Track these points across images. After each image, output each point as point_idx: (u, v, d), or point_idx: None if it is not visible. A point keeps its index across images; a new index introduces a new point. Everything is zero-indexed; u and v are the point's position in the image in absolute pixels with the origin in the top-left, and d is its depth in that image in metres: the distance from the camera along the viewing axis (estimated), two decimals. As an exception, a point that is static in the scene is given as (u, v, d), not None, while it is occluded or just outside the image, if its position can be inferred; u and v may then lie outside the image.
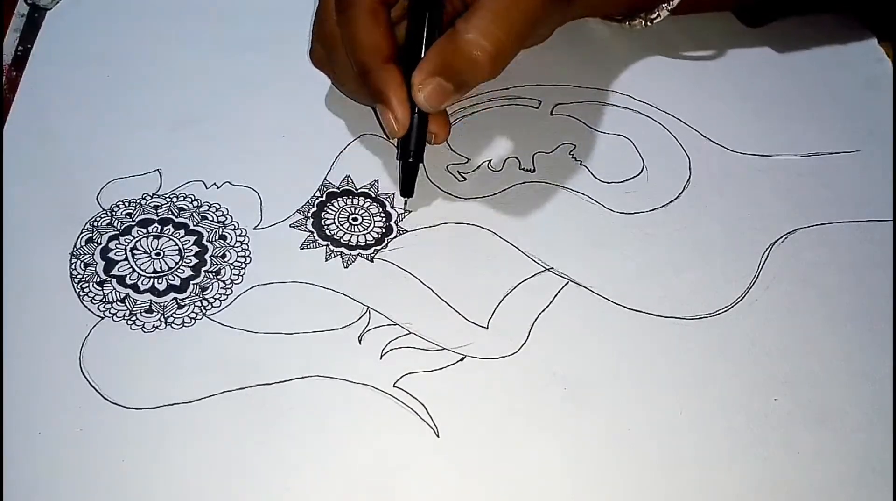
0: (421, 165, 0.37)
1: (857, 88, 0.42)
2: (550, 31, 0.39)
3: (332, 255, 0.34)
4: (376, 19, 0.33)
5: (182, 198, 0.36)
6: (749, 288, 0.35)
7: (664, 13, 0.38)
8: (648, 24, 0.39)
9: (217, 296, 0.33)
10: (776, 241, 0.36)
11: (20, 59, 0.40)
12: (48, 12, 0.42)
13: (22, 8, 0.42)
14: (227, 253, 0.34)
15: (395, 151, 0.36)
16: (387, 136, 0.37)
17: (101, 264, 0.33)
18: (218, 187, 0.36)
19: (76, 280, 0.33)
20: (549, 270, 0.35)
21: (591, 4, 0.39)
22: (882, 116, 0.41)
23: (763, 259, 0.35)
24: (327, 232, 0.35)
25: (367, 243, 0.35)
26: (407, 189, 0.35)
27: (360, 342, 0.32)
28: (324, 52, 0.36)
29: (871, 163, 0.39)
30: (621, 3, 0.40)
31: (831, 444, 0.31)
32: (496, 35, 0.31)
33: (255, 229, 0.35)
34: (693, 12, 0.41)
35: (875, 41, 0.44)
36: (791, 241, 0.36)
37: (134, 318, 0.32)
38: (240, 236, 0.35)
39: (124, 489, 0.28)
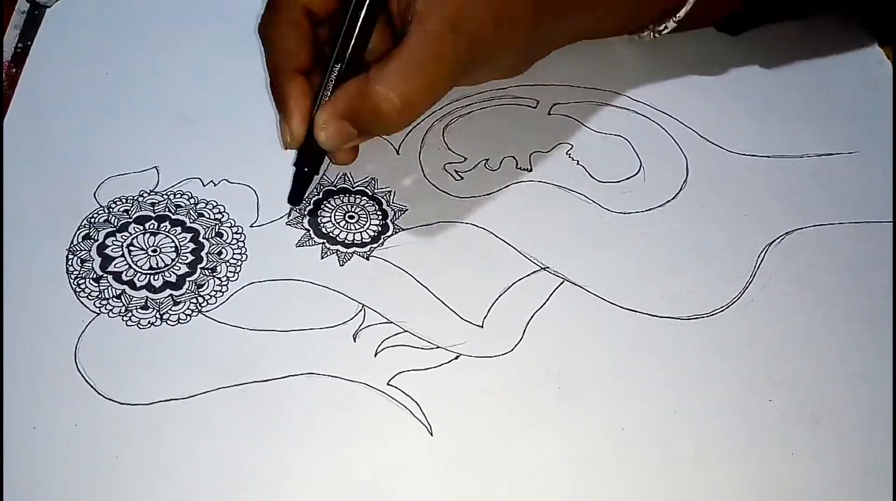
0: (419, 163, 0.37)
1: (857, 89, 0.42)
2: (511, 68, 0.36)
3: (328, 253, 0.35)
4: (295, 27, 0.33)
5: (179, 195, 0.36)
6: (745, 288, 0.34)
7: (671, 24, 0.38)
8: (656, 35, 0.39)
9: (213, 293, 0.33)
10: (773, 241, 0.36)
11: (20, 56, 0.40)
12: (48, 10, 0.42)
13: (22, 5, 0.42)
14: (223, 250, 0.34)
15: (390, 150, 0.36)
16: (282, 145, 0.36)
17: (97, 260, 0.34)
18: (215, 185, 0.36)
19: (72, 276, 0.33)
20: (544, 269, 0.35)
21: (568, 34, 0.36)
22: (881, 118, 0.40)
23: (760, 259, 0.35)
24: (323, 230, 0.35)
25: (364, 241, 0.35)
26: (295, 198, 0.35)
27: (354, 339, 0.32)
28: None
29: (869, 164, 0.39)
30: (613, 25, 0.38)
31: (826, 445, 0.31)
32: (405, 91, 0.30)
33: (251, 226, 0.35)
34: (695, 27, 0.41)
35: (875, 44, 0.43)
36: (788, 241, 0.36)
37: (130, 314, 0.32)
38: (236, 233, 0.35)
39: (119, 483, 0.29)
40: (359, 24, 0.32)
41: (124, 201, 0.35)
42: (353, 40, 0.32)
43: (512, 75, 0.37)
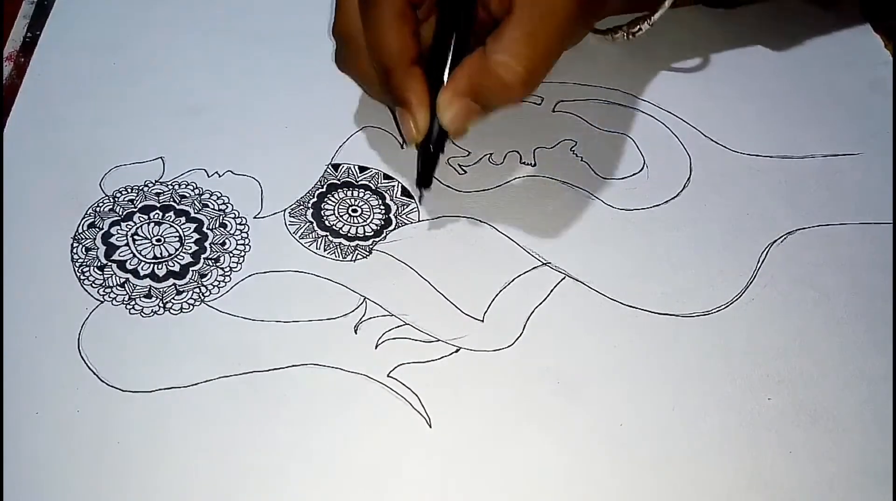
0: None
1: (862, 90, 0.42)
2: (579, 40, 0.37)
3: (331, 245, 0.35)
4: (402, 20, 0.32)
5: (184, 186, 0.36)
6: (746, 287, 0.35)
7: (646, 26, 0.38)
8: (631, 37, 0.39)
9: (216, 283, 0.33)
10: (775, 241, 0.36)
11: (28, 46, 0.40)
12: (57, 0, 0.42)
13: (32, -5, 0.43)
14: (226, 241, 0.35)
15: (395, 144, 0.36)
16: (403, 140, 0.36)
17: (102, 248, 0.34)
18: (220, 176, 0.36)
19: (77, 264, 0.33)
20: (546, 264, 0.35)
21: (615, 7, 0.39)
22: (886, 119, 0.40)
23: (761, 258, 0.35)
24: (327, 223, 0.35)
25: (366, 234, 0.35)
26: (425, 180, 0.34)
27: (355, 331, 0.32)
28: (347, 52, 0.35)
29: (873, 166, 0.39)
30: (637, 3, 0.39)
31: (825, 444, 0.31)
32: (528, 56, 0.30)
33: (255, 217, 0.35)
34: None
35: (881, 44, 0.43)
36: (790, 241, 0.36)
37: (133, 303, 0.33)
38: (240, 224, 0.35)
39: (120, 470, 0.29)
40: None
41: (129, 190, 0.36)
42: (460, 18, 0.32)
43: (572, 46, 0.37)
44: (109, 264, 0.33)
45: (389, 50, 0.32)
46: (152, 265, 0.34)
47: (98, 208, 0.35)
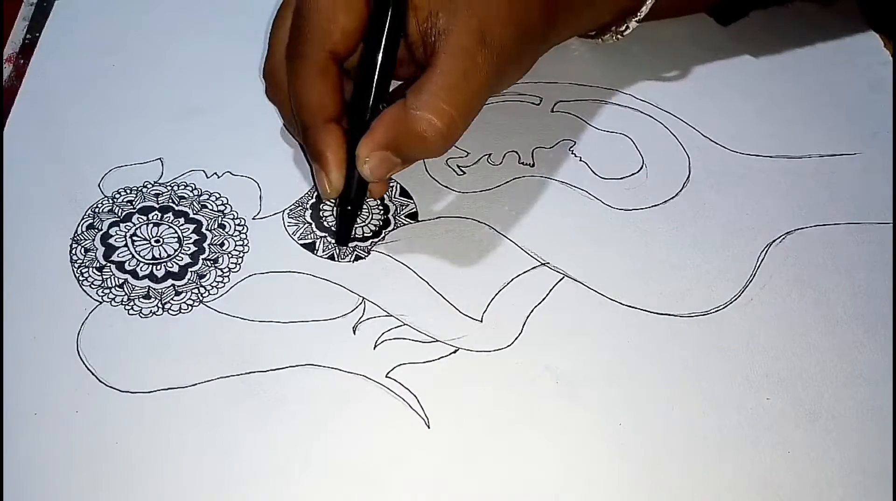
0: (422, 160, 0.38)
1: (861, 90, 0.42)
2: (524, 72, 0.36)
3: (330, 246, 0.35)
4: (323, 76, 0.31)
5: (183, 187, 0.36)
6: (745, 287, 0.34)
7: (633, 24, 0.38)
8: (619, 37, 0.39)
9: (214, 284, 0.33)
10: (774, 240, 0.36)
11: (28, 48, 0.41)
12: (56, 2, 0.42)
13: (31, -3, 0.43)
14: (225, 242, 0.35)
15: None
16: (318, 194, 0.35)
17: (100, 249, 0.34)
18: (219, 177, 0.36)
19: (76, 265, 0.33)
20: (544, 264, 0.35)
21: (566, 32, 0.38)
22: (885, 119, 0.40)
23: (760, 259, 0.35)
24: (325, 223, 0.35)
25: (365, 235, 0.35)
26: (343, 238, 0.34)
27: (354, 332, 0.32)
28: (273, 94, 0.35)
29: (872, 165, 0.39)
30: (598, 20, 0.39)
31: (824, 444, 0.31)
32: (447, 113, 0.30)
33: (253, 218, 0.35)
34: (664, 17, 0.41)
35: (880, 43, 0.43)
36: (789, 241, 0.36)
37: (132, 303, 0.33)
38: (238, 225, 0.35)
39: (118, 470, 0.29)
40: (381, 53, 0.31)
41: (128, 191, 0.36)
42: (379, 69, 0.31)
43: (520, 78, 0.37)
44: (108, 264, 0.33)
45: (308, 107, 0.32)
46: (151, 266, 0.34)
47: (97, 209, 0.35)
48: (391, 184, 0.37)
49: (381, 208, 0.36)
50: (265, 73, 0.35)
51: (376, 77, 0.32)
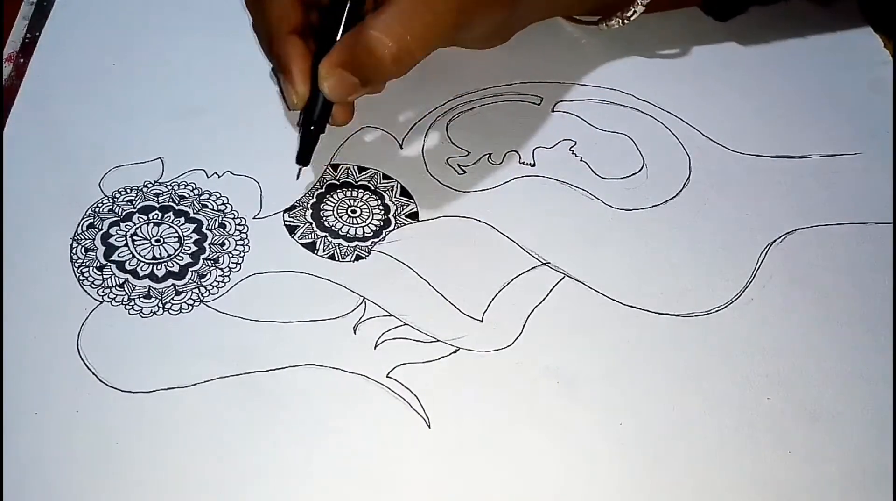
0: (422, 157, 0.38)
1: (861, 90, 0.42)
2: (496, 33, 0.38)
3: (330, 246, 0.35)
4: None
5: (183, 186, 0.36)
6: (746, 287, 0.35)
7: (640, 9, 0.38)
8: (625, 22, 0.39)
9: (215, 283, 0.33)
10: (775, 240, 0.36)
11: (28, 47, 0.40)
12: (57, 1, 0.42)
13: (31, -4, 0.43)
14: (225, 241, 0.35)
15: (394, 144, 0.36)
16: (286, 106, 0.37)
17: (101, 249, 0.34)
18: (219, 176, 0.36)
19: (76, 265, 0.33)
20: (545, 264, 0.35)
21: (544, 6, 0.39)
22: (885, 119, 0.40)
23: (761, 259, 0.35)
24: (326, 223, 0.35)
25: (365, 235, 0.35)
26: (303, 158, 0.35)
27: (354, 332, 0.32)
28: (253, 16, 0.37)
29: (872, 165, 0.39)
30: (585, 2, 0.39)
31: (824, 444, 0.31)
32: (400, 34, 0.31)
33: (254, 218, 0.35)
34: (667, 9, 0.41)
35: (881, 43, 0.43)
36: (790, 241, 0.36)
37: (132, 303, 0.33)
38: (239, 224, 0.35)
39: (119, 470, 0.29)
40: None
41: (129, 191, 0.36)
42: None
43: (496, 43, 0.38)
44: (109, 264, 0.33)
45: (272, 18, 0.34)
46: (151, 266, 0.34)
47: (97, 209, 0.35)
48: (391, 183, 0.37)
49: (381, 207, 0.36)
50: (246, 2, 0.36)
51: (347, 4, 0.33)
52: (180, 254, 0.34)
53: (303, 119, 0.34)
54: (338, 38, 0.33)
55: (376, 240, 0.35)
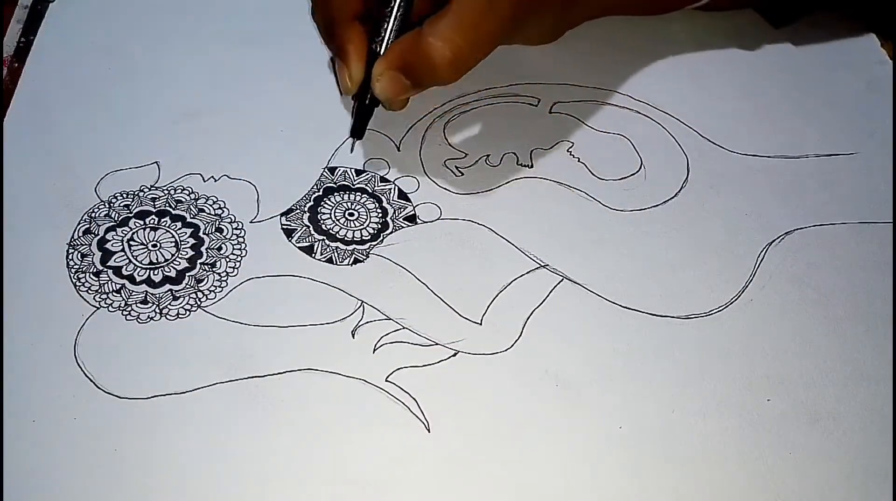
0: (420, 160, 0.37)
1: (859, 89, 0.42)
2: (549, 32, 0.38)
3: (328, 250, 0.35)
4: None
5: (180, 190, 0.36)
6: (745, 288, 0.34)
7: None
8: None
9: (212, 288, 0.33)
10: (773, 241, 0.36)
11: (22, 51, 0.40)
12: (51, 4, 0.42)
13: (25, 0, 0.42)
14: (223, 246, 0.34)
15: (391, 147, 0.36)
16: (340, 91, 0.37)
17: (97, 254, 0.34)
18: (216, 181, 0.36)
19: (73, 270, 0.33)
20: (543, 266, 0.35)
21: (601, 5, 0.39)
22: (883, 118, 0.40)
23: (760, 259, 0.35)
24: (323, 227, 0.35)
25: (363, 238, 0.35)
26: (359, 131, 0.36)
27: (353, 336, 0.32)
28: (314, 4, 0.37)
29: (871, 165, 0.39)
30: (641, 2, 0.39)
31: (825, 445, 0.31)
32: (457, 43, 0.32)
33: (251, 222, 0.35)
34: (725, 8, 0.41)
35: (878, 43, 0.43)
36: (789, 241, 0.36)
37: (129, 309, 0.32)
38: (236, 229, 0.35)
39: (117, 477, 0.29)
40: None
41: (125, 195, 0.36)
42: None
43: (547, 41, 0.39)
44: (105, 270, 0.33)
45: (333, 3, 0.34)
46: (148, 271, 0.33)
47: (93, 214, 0.35)
48: (388, 186, 0.37)
49: (379, 210, 0.36)
50: None
51: (401, 4, 0.33)
52: (177, 259, 0.34)
53: (359, 94, 0.35)
54: (386, 32, 0.33)
55: (374, 243, 0.35)
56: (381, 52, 0.33)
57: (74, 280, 0.33)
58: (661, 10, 0.41)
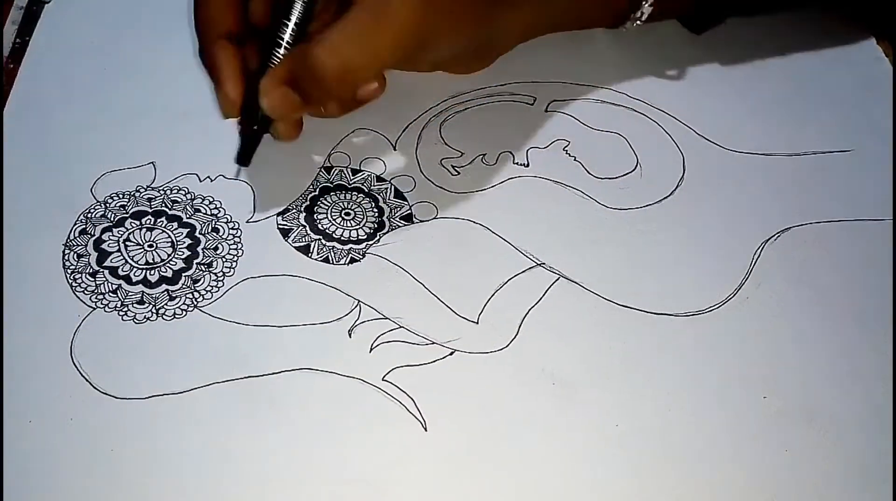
0: (416, 159, 0.37)
1: (855, 87, 0.42)
2: (472, 58, 0.36)
3: (324, 249, 0.35)
4: None
5: (176, 191, 0.36)
6: (741, 286, 0.34)
7: (647, 9, 0.38)
8: (638, 23, 0.39)
9: (209, 288, 0.33)
10: (769, 238, 0.36)
11: (18, 52, 0.40)
12: (46, 5, 0.42)
13: (21, 1, 0.42)
14: (219, 246, 0.34)
15: (387, 146, 0.36)
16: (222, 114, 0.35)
17: (93, 255, 0.34)
18: (212, 181, 0.36)
19: (69, 271, 0.33)
20: (540, 265, 0.35)
21: (526, 26, 0.36)
22: (879, 116, 0.40)
23: (756, 257, 0.35)
24: (320, 226, 0.35)
25: (360, 237, 0.35)
26: (244, 158, 0.34)
27: (350, 335, 0.32)
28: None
29: (866, 162, 0.39)
30: (579, 18, 0.38)
31: (821, 443, 0.31)
32: (344, 56, 0.30)
33: (247, 222, 0.35)
34: (662, 18, 0.40)
35: (873, 40, 0.43)
36: (784, 239, 0.36)
37: (125, 309, 0.32)
38: (232, 229, 0.35)
39: (114, 478, 0.29)
40: None
41: (121, 196, 0.35)
42: (298, 11, 0.31)
43: (476, 68, 0.37)
44: (101, 270, 0.33)
45: (203, 21, 0.33)
46: (145, 271, 0.33)
47: (89, 214, 0.35)
48: (385, 185, 0.37)
49: (375, 210, 0.36)
50: None
51: (295, 13, 0.31)
52: (174, 259, 0.34)
53: (242, 118, 0.33)
54: (279, 47, 0.32)
55: (371, 242, 0.35)
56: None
57: (71, 281, 0.33)
58: (595, 25, 0.39)
